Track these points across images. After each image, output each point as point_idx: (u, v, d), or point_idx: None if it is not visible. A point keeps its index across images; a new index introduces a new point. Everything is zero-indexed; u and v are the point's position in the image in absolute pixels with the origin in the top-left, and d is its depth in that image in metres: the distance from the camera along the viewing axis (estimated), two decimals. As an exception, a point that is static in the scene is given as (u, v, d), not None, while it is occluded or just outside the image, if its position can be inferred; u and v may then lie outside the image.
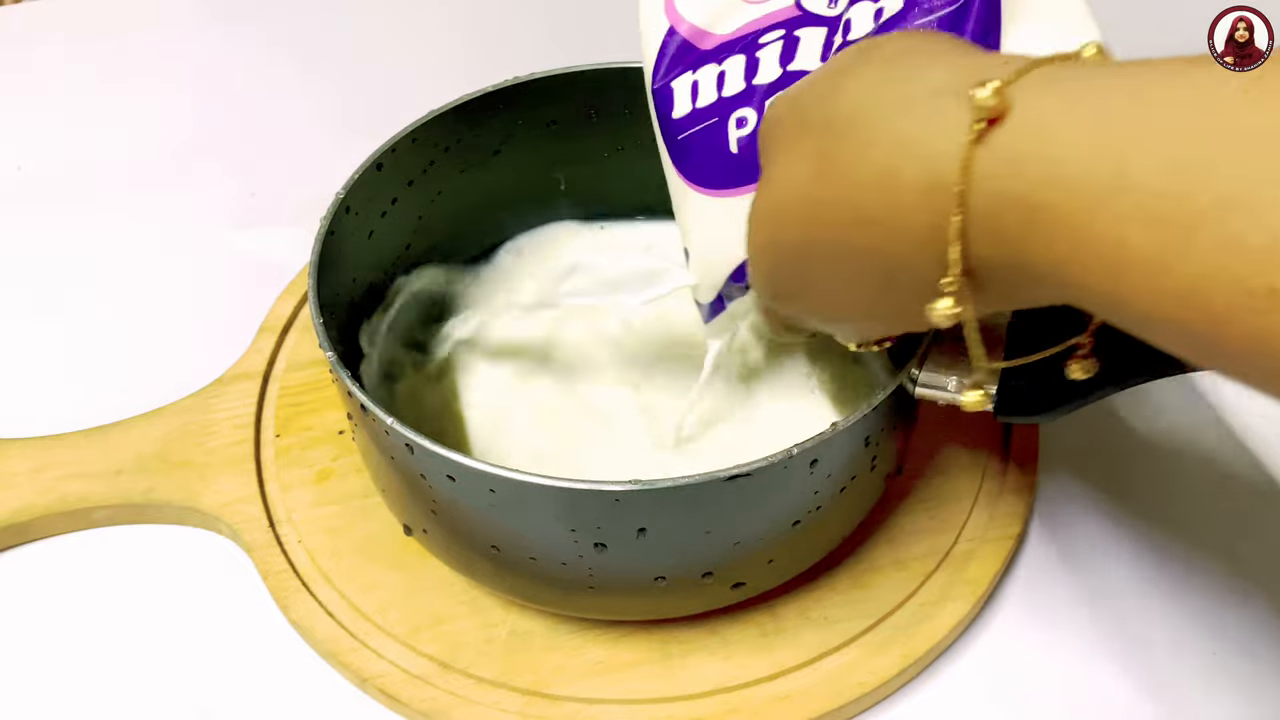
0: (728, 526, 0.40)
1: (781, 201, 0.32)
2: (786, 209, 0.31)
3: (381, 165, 0.49)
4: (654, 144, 0.44)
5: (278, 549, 0.48)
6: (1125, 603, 0.47)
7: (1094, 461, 0.52)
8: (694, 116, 0.41)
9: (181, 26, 0.80)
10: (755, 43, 0.40)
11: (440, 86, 0.54)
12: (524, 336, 0.53)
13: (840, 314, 0.34)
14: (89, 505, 0.50)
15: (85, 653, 0.47)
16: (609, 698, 0.43)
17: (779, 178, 0.32)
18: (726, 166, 0.40)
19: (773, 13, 0.41)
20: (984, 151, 0.25)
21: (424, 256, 0.55)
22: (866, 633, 0.45)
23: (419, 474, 0.40)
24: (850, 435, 0.40)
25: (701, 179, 0.41)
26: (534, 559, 0.41)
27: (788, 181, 0.31)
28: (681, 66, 0.42)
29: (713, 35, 0.42)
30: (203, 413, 0.53)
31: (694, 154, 0.41)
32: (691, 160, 0.41)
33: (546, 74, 0.52)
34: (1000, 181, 0.25)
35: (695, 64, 0.42)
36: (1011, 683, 0.45)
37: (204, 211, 0.66)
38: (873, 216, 0.28)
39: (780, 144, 0.32)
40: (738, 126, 0.40)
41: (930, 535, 0.48)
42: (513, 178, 0.56)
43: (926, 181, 0.26)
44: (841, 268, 0.31)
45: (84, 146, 0.71)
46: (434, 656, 0.45)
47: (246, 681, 0.46)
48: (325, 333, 0.42)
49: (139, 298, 0.61)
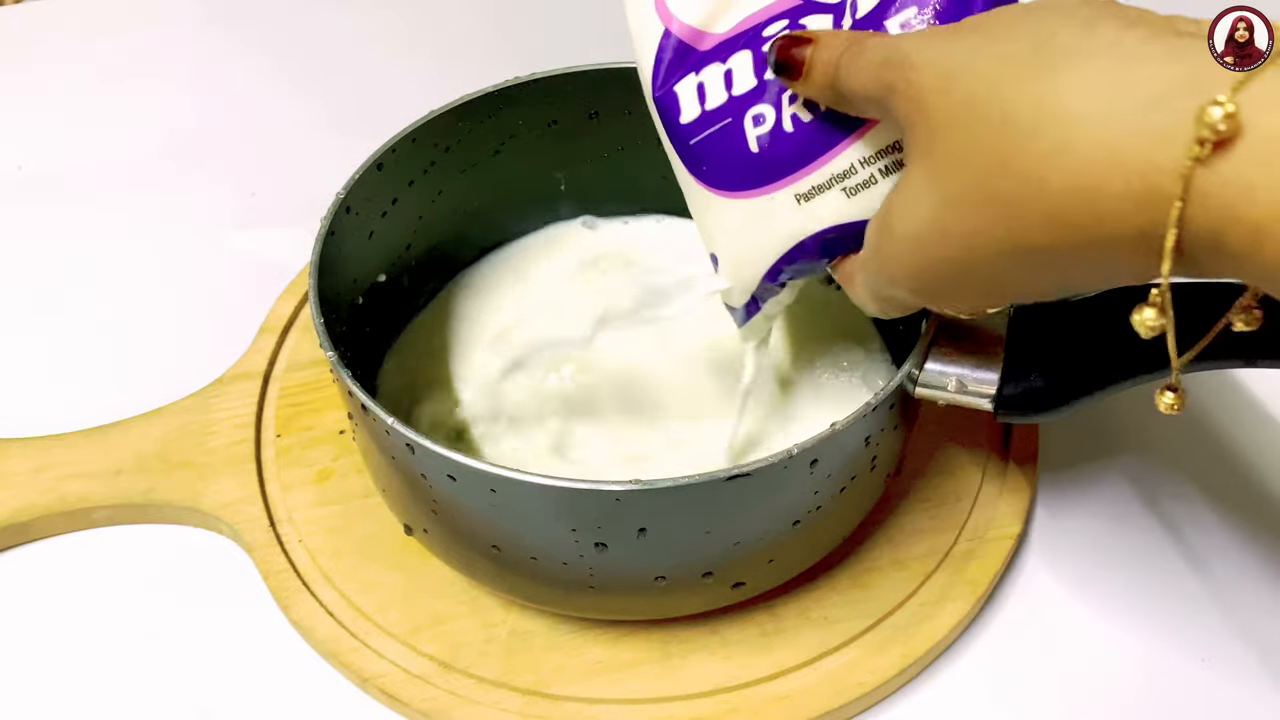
0: (728, 526, 0.40)
1: (950, 194, 0.30)
2: (957, 203, 0.30)
3: (382, 165, 0.49)
4: (655, 144, 0.43)
5: (278, 549, 0.48)
6: (1125, 603, 0.47)
7: (1094, 461, 0.52)
8: (704, 119, 0.40)
9: (181, 26, 0.80)
10: (759, 36, 0.39)
11: (440, 86, 0.54)
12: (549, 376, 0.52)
13: (996, 301, 0.34)
14: (89, 505, 0.50)
15: (85, 653, 0.47)
16: (609, 697, 0.43)
17: (945, 169, 0.30)
18: (748, 166, 0.39)
19: (774, 3, 0.40)
20: (1208, 171, 0.25)
21: (424, 256, 0.55)
22: (866, 633, 0.45)
23: (419, 474, 0.40)
24: (850, 435, 0.40)
25: (722, 182, 0.40)
26: (534, 559, 0.41)
27: (957, 174, 0.30)
28: (682, 69, 0.41)
29: (711, 35, 0.41)
30: (203, 413, 0.53)
31: (710, 158, 0.40)
32: (709, 164, 0.40)
33: (546, 74, 0.52)
34: (1225, 202, 0.25)
35: (697, 65, 0.41)
36: (1011, 683, 0.45)
37: (204, 211, 0.66)
38: (1068, 220, 0.28)
39: (941, 129, 0.30)
40: (755, 124, 0.39)
41: (930, 535, 0.48)
42: (513, 178, 0.56)
43: (1139, 194, 0.26)
44: (1017, 262, 0.30)
45: (84, 146, 0.71)
46: (434, 656, 0.45)
47: (247, 681, 0.46)
48: (326, 333, 0.42)
49: (139, 298, 0.61)
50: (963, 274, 0.31)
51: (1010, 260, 0.30)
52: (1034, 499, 0.50)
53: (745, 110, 0.39)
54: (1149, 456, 0.52)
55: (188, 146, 0.71)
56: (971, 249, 0.30)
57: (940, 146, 0.30)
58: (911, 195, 0.32)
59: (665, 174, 0.56)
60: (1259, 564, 0.48)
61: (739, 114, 0.39)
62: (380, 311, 0.53)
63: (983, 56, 0.30)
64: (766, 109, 0.39)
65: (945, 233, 0.31)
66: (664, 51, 0.41)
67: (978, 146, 0.29)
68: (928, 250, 0.32)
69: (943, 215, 0.31)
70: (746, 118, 0.39)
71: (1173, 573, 0.48)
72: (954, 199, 0.30)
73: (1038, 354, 0.42)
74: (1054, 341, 0.42)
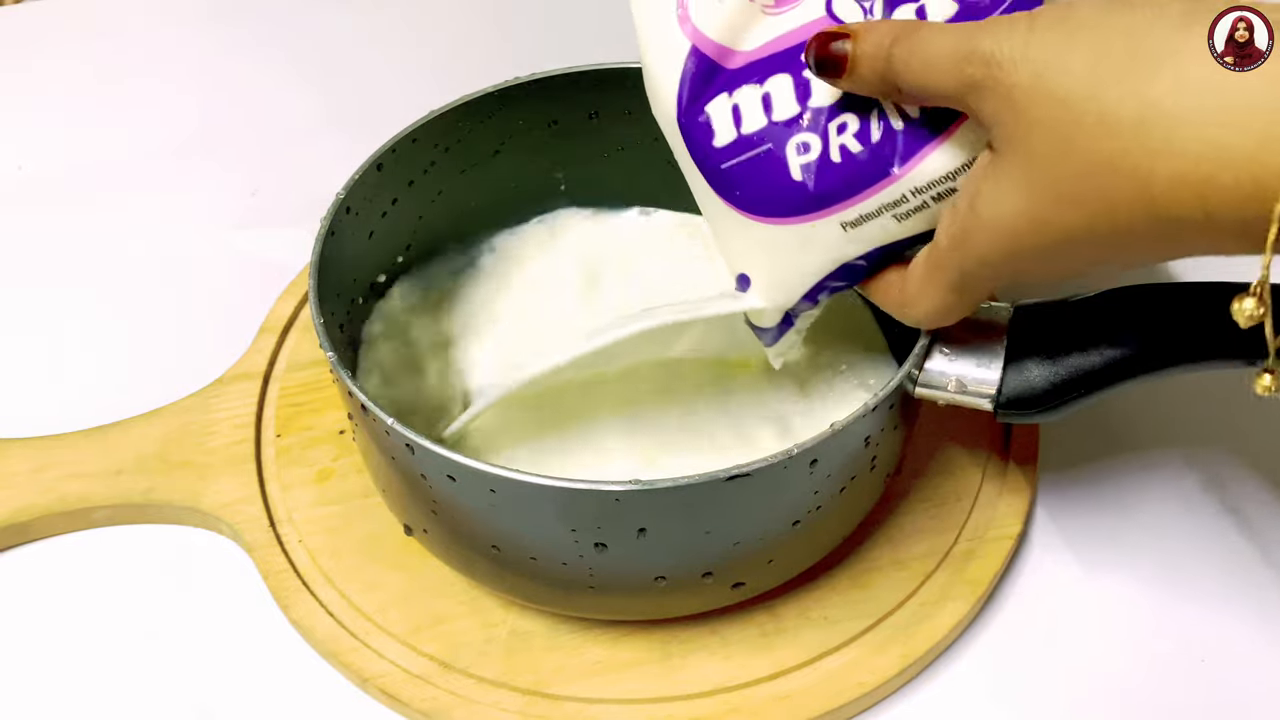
0: (728, 526, 0.40)
1: (1046, 189, 0.32)
2: (1054, 197, 0.32)
3: (382, 165, 0.49)
4: (654, 144, 0.43)
5: (278, 549, 0.48)
6: (1125, 603, 0.47)
7: (1094, 461, 0.52)
8: (740, 144, 0.39)
9: (182, 26, 0.80)
10: (798, 59, 0.38)
11: (440, 86, 0.54)
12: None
13: (1077, 276, 0.35)
14: (89, 505, 0.50)
15: (85, 653, 0.47)
16: (609, 697, 0.43)
17: (1040, 165, 0.31)
18: (792, 195, 0.38)
19: (805, 25, 0.38)
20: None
21: (425, 257, 0.55)
22: (866, 633, 0.45)
23: (419, 474, 0.40)
24: (850, 435, 0.40)
25: (761, 208, 0.39)
26: (534, 559, 0.41)
27: (1053, 169, 0.31)
28: (711, 89, 0.39)
29: (739, 53, 0.39)
30: (203, 413, 0.53)
31: (747, 183, 0.39)
32: (743, 190, 0.39)
33: (546, 74, 0.52)
34: None
35: (728, 85, 0.39)
36: (1011, 683, 0.45)
37: (204, 211, 0.66)
38: (1173, 214, 0.29)
39: (1036, 126, 0.31)
40: (799, 153, 0.38)
41: (930, 535, 0.48)
42: (513, 178, 0.56)
43: (1248, 189, 0.28)
44: (1111, 247, 0.32)
45: (84, 146, 0.71)
46: (434, 656, 0.45)
47: (246, 681, 0.46)
48: (326, 333, 0.42)
49: (139, 298, 0.61)
50: (1053, 257, 0.33)
51: (1105, 246, 0.32)
52: (1034, 499, 0.50)
53: (788, 137, 0.38)
54: (1148, 456, 0.52)
55: (188, 146, 0.71)
56: (1068, 238, 0.32)
57: (1035, 143, 0.31)
58: (1004, 187, 0.33)
59: (665, 175, 0.56)
60: (1259, 564, 0.48)
61: (780, 141, 0.38)
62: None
63: (1074, 55, 0.30)
64: (811, 138, 0.38)
65: (1043, 223, 0.32)
66: (690, 68, 0.40)
67: (1075, 144, 0.30)
68: (1021, 239, 0.33)
69: (1038, 208, 0.32)
70: (789, 145, 0.38)
71: (1172, 572, 0.48)
72: (1050, 193, 0.32)
73: (1038, 355, 0.42)
74: (1054, 342, 0.42)
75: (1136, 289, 0.43)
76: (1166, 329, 0.41)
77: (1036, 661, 0.46)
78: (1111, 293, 0.43)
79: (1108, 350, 0.42)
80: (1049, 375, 0.42)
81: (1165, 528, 0.50)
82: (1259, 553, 0.49)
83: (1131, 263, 0.33)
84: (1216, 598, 0.47)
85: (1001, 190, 0.33)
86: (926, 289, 0.38)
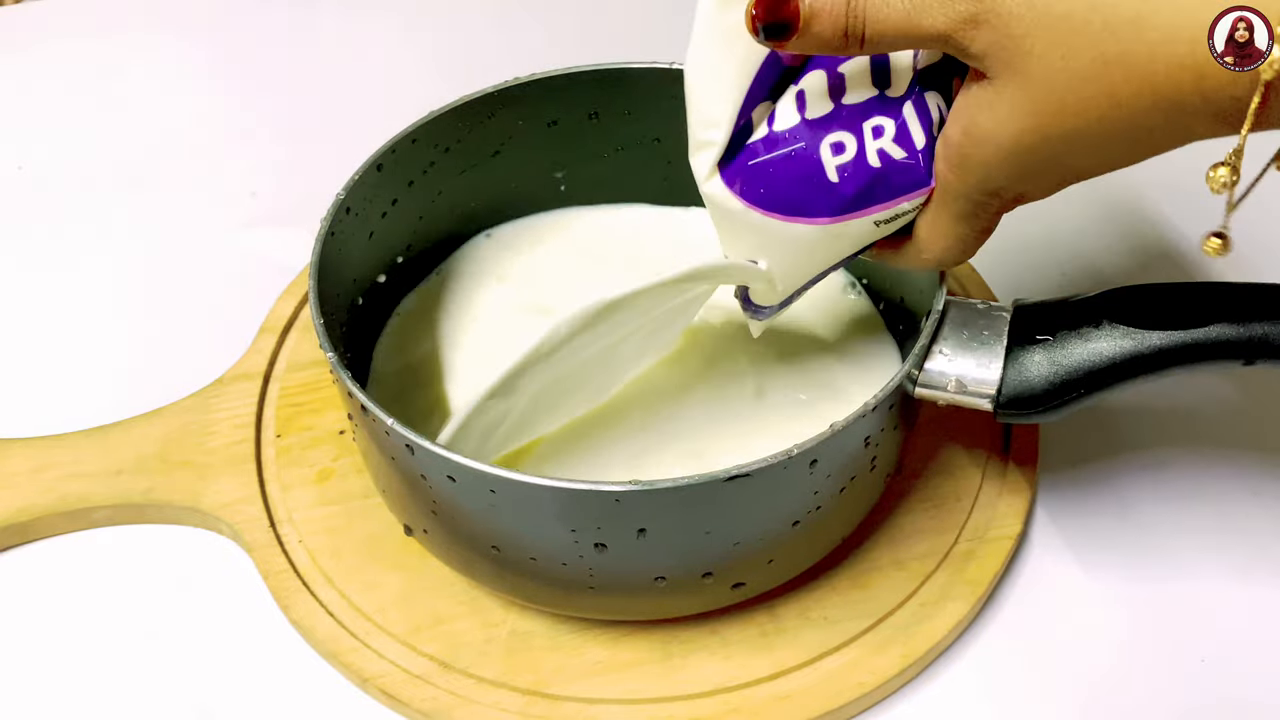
0: (727, 526, 0.40)
1: (1049, 102, 0.33)
2: (1057, 109, 0.33)
3: (382, 166, 0.49)
4: (654, 144, 0.43)
5: (278, 549, 0.48)
6: (1125, 603, 0.47)
7: (1094, 461, 0.52)
8: (771, 141, 0.38)
9: (181, 26, 0.80)
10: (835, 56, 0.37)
11: (440, 86, 0.54)
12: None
13: (1085, 178, 0.36)
14: (89, 505, 0.50)
15: (85, 653, 0.47)
16: (609, 698, 0.43)
17: (1040, 81, 0.33)
18: (826, 195, 0.38)
19: None
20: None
21: (425, 257, 0.55)
22: (866, 633, 0.45)
23: (419, 474, 0.40)
24: (849, 435, 0.40)
25: (787, 207, 0.39)
26: (534, 559, 0.41)
27: (1055, 82, 0.33)
28: (763, 94, 0.38)
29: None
30: (203, 413, 0.53)
31: (775, 181, 0.38)
32: (768, 187, 0.38)
33: (546, 74, 0.52)
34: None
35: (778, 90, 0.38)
36: (1011, 683, 0.45)
37: (204, 211, 0.66)
38: (1176, 100, 0.31)
39: (1035, 47, 0.33)
40: (835, 153, 0.37)
41: (930, 535, 0.48)
42: (513, 178, 0.56)
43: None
44: (1119, 143, 0.34)
45: (84, 146, 0.71)
46: (434, 656, 0.45)
47: (246, 681, 0.46)
48: (326, 333, 0.42)
49: (139, 298, 0.61)
50: (1056, 166, 0.35)
51: (1107, 146, 0.34)
52: (1034, 499, 0.50)
53: (821, 136, 0.38)
54: (1148, 456, 0.52)
55: (188, 146, 0.71)
56: (1072, 146, 0.34)
57: (1034, 64, 0.33)
58: (1002, 112, 0.34)
59: (665, 175, 0.56)
60: (1259, 564, 0.48)
61: (815, 140, 0.38)
62: (380, 312, 0.53)
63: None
64: (845, 136, 0.38)
65: (1046, 135, 0.34)
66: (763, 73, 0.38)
67: (1079, 55, 0.32)
68: (1025, 155, 0.35)
69: (1042, 121, 0.34)
70: (824, 145, 0.38)
71: (1172, 572, 0.48)
72: (1054, 105, 0.33)
73: (1038, 355, 0.42)
74: (1054, 342, 0.43)
75: (1136, 289, 0.43)
76: (1166, 329, 0.41)
77: (1036, 661, 0.46)
78: (1111, 293, 0.43)
79: (1108, 350, 0.42)
80: (1048, 375, 0.42)
81: (1165, 528, 0.50)
82: (1259, 553, 0.49)
83: (1128, 160, 0.35)
84: (1216, 598, 0.47)
85: (999, 115, 0.34)
86: (937, 226, 0.39)
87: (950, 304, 0.44)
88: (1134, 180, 0.64)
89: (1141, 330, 0.42)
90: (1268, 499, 0.50)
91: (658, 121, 0.54)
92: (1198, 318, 0.41)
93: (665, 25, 0.79)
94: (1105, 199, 0.64)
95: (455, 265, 0.56)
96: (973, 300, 0.45)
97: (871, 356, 0.51)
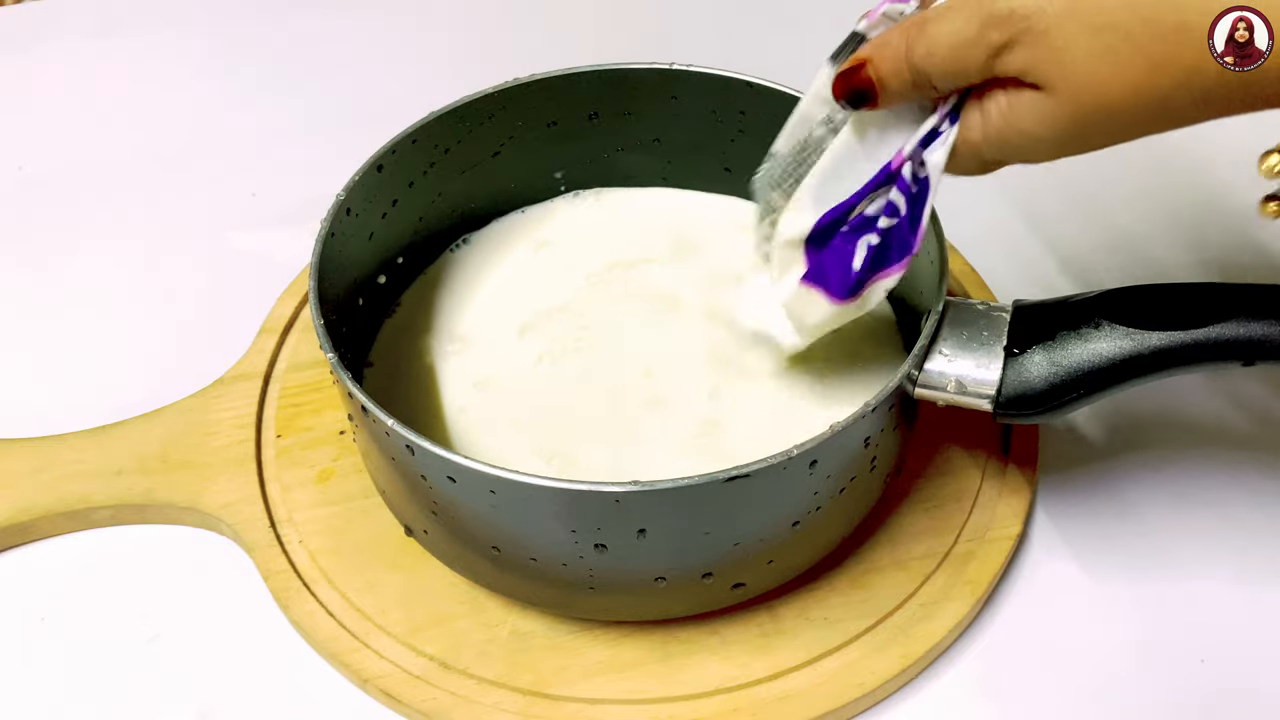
0: (727, 527, 0.40)
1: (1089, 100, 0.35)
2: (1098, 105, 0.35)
3: (382, 166, 0.49)
4: (654, 144, 0.43)
5: (278, 549, 0.48)
6: (1125, 603, 0.47)
7: (1094, 461, 0.52)
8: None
9: (182, 26, 0.80)
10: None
11: (440, 87, 0.54)
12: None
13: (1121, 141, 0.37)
14: (89, 505, 0.50)
15: (85, 653, 0.47)
16: (610, 698, 0.43)
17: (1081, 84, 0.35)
18: (845, 279, 0.42)
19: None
20: None
21: (425, 258, 0.55)
22: (866, 633, 0.45)
23: (420, 475, 0.40)
24: (849, 436, 0.40)
25: (824, 283, 0.43)
26: (534, 560, 0.41)
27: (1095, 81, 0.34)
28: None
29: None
30: (203, 413, 0.53)
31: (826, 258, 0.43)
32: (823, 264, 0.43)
33: (546, 74, 0.52)
34: None
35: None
36: (1011, 683, 0.45)
37: (204, 211, 0.66)
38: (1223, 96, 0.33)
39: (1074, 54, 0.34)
40: (867, 248, 0.41)
41: (930, 535, 0.48)
42: (513, 179, 0.56)
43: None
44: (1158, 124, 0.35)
45: (84, 146, 0.71)
46: (434, 657, 0.45)
47: (247, 681, 0.46)
48: (326, 334, 0.42)
49: (139, 298, 0.61)
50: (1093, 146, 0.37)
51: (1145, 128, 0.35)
52: (1034, 499, 0.50)
53: (862, 234, 0.41)
54: (1148, 456, 0.52)
55: (188, 147, 0.71)
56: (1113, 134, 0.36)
57: (1079, 75, 0.34)
58: (1048, 114, 0.36)
59: (665, 175, 0.56)
60: (1259, 564, 0.48)
61: (857, 233, 0.42)
62: (380, 312, 0.53)
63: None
64: (875, 239, 0.41)
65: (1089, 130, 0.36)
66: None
67: (1121, 59, 0.33)
68: (1067, 146, 0.37)
69: (1088, 115, 0.35)
70: (860, 242, 0.41)
71: (1172, 572, 0.48)
72: (1099, 103, 0.35)
73: (1037, 355, 0.43)
74: (1053, 343, 0.43)
75: (1137, 289, 0.43)
76: (1166, 329, 0.41)
77: (1036, 661, 0.46)
78: (1111, 293, 0.43)
79: (1107, 351, 0.42)
80: (1048, 376, 0.42)
81: (1165, 528, 0.50)
82: (1259, 553, 0.49)
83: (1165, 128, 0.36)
84: (1216, 598, 0.47)
85: (1043, 117, 0.36)
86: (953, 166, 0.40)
87: (950, 304, 0.44)
88: (1134, 181, 0.64)
89: (1141, 331, 0.42)
90: (1267, 499, 0.50)
91: (658, 121, 0.54)
92: (1197, 318, 0.41)
93: (665, 25, 0.79)
94: (1105, 200, 0.64)
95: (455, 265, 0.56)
96: (972, 301, 0.45)
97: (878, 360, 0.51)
